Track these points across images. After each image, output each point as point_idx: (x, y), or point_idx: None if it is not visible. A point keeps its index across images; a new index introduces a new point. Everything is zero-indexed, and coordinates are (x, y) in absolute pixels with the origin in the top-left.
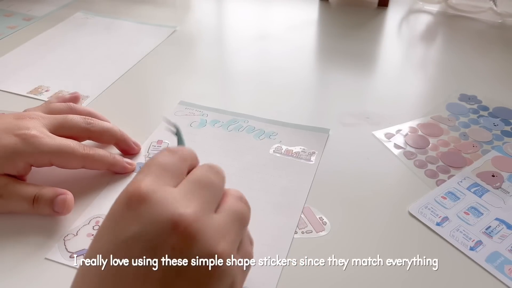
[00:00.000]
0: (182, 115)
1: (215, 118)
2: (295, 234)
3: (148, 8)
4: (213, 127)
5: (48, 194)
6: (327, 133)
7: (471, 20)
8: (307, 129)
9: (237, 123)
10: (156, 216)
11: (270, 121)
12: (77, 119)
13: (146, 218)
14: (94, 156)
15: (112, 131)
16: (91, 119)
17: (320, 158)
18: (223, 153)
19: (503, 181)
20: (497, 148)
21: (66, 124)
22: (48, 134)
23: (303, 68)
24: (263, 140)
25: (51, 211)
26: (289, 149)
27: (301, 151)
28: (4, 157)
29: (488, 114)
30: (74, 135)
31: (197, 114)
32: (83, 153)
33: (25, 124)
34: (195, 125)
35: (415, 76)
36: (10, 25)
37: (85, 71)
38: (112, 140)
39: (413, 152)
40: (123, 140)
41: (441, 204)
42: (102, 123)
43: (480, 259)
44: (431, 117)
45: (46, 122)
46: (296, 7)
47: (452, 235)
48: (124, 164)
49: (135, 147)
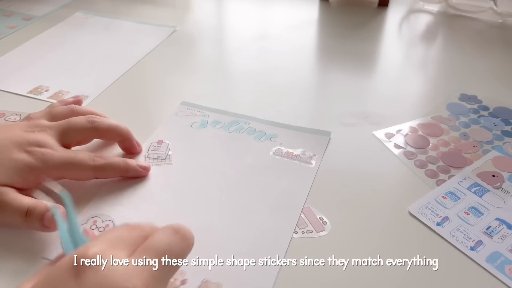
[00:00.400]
0: (183, 116)
1: (216, 119)
2: (295, 234)
3: (148, 8)
4: (214, 128)
5: (40, 208)
6: (328, 136)
7: (472, 20)
8: (308, 132)
9: (238, 124)
10: (103, 287)
11: (272, 123)
12: (80, 120)
13: (93, 287)
14: (105, 166)
15: (118, 128)
16: (94, 117)
17: (321, 161)
18: (223, 155)
19: (504, 181)
20: (497, 148)
21: (70, 128)
22: (57, 147)
23: (303, 68)
24: (263, 142)
25: (41, 226)
26: (289, 151)
27: (301, 154)
28: (15, 172)
29: (489, 114)
30: (81, 137)
31: (199, 115)
32: (94, 165)
33: (35, 138)
34: (196, 125)
35: (415, 76)
36: (10, 25)
37: (85, 71)
38: (118, 137)
39: (413, 152)
40: (128, 139)
41: (441, 204)
42: (107, 121)
43: (481, 259)
44: (431, 117)
45: (53, 133)
46: (296, 7)
47: (453, 235)
48: (138, 168)
49: (137, 146)
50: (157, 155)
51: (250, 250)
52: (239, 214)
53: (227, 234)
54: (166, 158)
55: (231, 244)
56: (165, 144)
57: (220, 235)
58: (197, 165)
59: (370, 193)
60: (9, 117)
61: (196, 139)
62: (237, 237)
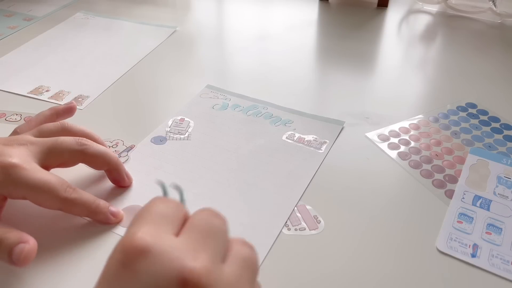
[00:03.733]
0: (207, 98)
1: (237, 103)
2: (288, 230)
3: (148, 8)
4: (234, 111)
5: (11, 239)
6: (341, 125)
7: (471, 20)
8: (322, 120)
9: (257, 109)
10: (159, 273)
11: (288, 110)
12: (69, 141)
13: (147, 277)
14: (74, 201)
15: (107, 156)
16: (85, 141)
17: (330, 148)
18: (238, 135)
19: (496, 185)
20: (480, 149)
21: (57, 148)
22: (32, 166)
23: (303, 68)
24: (278, 126)
25: (9, 259)
26: (301, 137)
27: (313, 140)
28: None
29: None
30: (65, 159)
31: (221, 98)
32: (63, 196)
33: (9, 151)
34: (217, 107)
35: (414, 77)
36: (10, 25)
37: (85, 71)
38: (105, 165)
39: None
40: (116, 169)
41: (461, 231)
42: (98, 146)
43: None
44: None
45: (34, 150)
46: (296, 7)
47: (492, 263)
48: (108, 215)
49: (126, 179)
50: (178, 131)
51: (252, 222)
52: (246, 190)
53: (233, 206)
54: (185, 134)
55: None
56: (186, 122)
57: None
58: (213, 142)
59: (368, 193)
60: (9, 117)
61: (216, 120)
62: (241, 209)
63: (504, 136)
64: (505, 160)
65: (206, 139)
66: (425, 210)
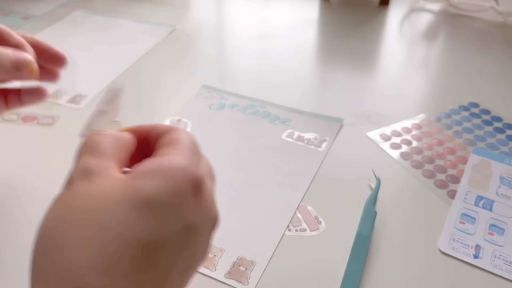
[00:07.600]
0: (203, 98)
1: (234, 102)
2: (289, 231)
3: (147, 6)
4: (231, 110)
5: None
6: (340, 123)
7: (473, 19)
8: (321, 118)
9: (254, 108)
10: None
11: (286, 108)
12: None
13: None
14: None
15: None
16: None
17: (330, 146)
18: (238, 135)
19: (499, 185)
20: (483, 149)
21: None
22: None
23: (304, 67)
24: (277, 125)
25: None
26: (301, 135)
27: (312, 138)
28: None
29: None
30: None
31: (218, 98)
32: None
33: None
34: (214, 107)
35: (416, 75)
36: (8, 24)
37: (83, 69)
38: None
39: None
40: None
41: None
42: None
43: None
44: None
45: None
46: (297, 5)
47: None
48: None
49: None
50: None
51: (255, 220)
52: (248, 190)
53: (236, 206)
54: None
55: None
56: (183, 123)
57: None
58: (212, 142)
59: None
60: (7, 117)
61: (213, 119)
62: (244, 208)
63: (506, 135)
64: (508, 160)
65: (204, 140)
66: (427, 210)
